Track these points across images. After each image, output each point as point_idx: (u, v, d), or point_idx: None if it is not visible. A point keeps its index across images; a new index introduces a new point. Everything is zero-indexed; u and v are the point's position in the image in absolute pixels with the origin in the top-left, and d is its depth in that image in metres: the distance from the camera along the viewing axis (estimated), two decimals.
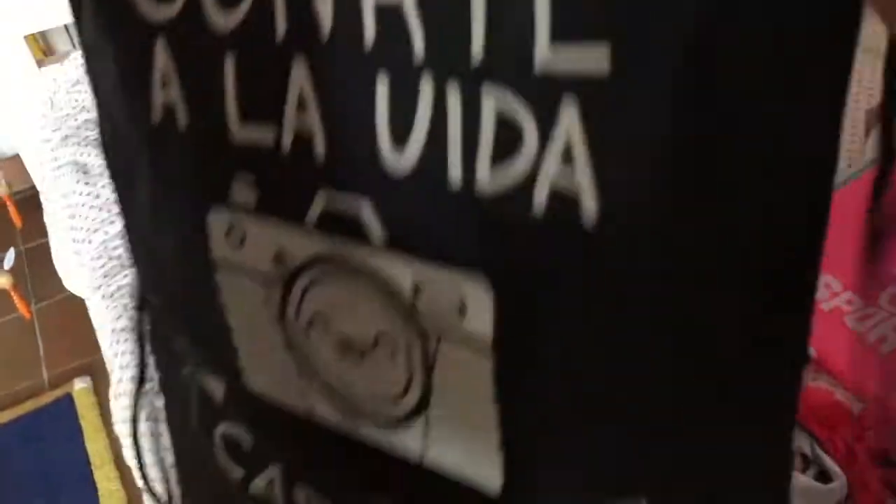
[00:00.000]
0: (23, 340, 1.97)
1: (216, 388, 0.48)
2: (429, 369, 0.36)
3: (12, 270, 1.97)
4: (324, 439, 0.42)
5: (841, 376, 0.77)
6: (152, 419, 0.80)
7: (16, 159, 2.13)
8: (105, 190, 1.12)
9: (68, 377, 1.85)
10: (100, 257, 1.03)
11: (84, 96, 1.29)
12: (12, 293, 1.95)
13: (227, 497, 0.52)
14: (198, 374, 0.49)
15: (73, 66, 1.36)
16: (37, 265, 2.15)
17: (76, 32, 0.45)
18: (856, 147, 1.05)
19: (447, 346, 0.35)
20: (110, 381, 0.95)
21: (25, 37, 1.41)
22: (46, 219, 1.33)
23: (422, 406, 0.37)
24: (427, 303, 0.34)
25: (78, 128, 1.24)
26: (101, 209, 1.10)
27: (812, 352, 0.78)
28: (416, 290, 0.34)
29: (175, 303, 0.49)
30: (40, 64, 1.41)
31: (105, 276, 1.01)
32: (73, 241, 1.10)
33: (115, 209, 1.08)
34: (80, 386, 1.81)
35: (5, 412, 1.77)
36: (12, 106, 1.43)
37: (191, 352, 0.49)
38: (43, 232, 1.53)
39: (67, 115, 1.28)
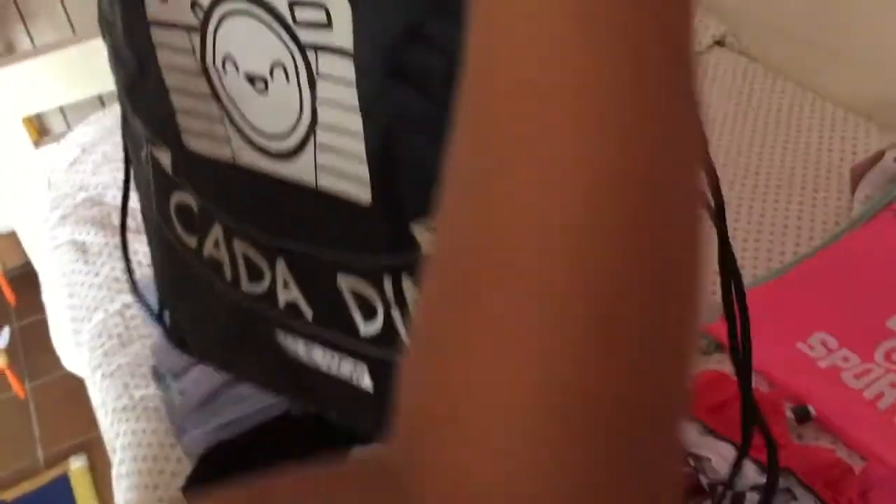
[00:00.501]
0: (17, 420, 1.95)
1: (165, 158, 0.54)
2: (313, 86, 0.42)
3: (6, 349, 1.96)
4: (246, 183, 0.49)
5: (841, 434, 0.78)
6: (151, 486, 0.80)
7: (8, 237, 2.14)
8: (104, 268, 1.13)
9: (64, 455, 1.82)
10: (99, 335, 1.03)
11: (82, 175, 1.31)
12: (7, 372, 1.94)
13: (191, 271, 0.58)
14: (151, 150, 0.55)
15: (70, 146, 1.38)
16: (31, 343, 2.14)
17: None
18: (843, 204, 1.07)
19: (323, 58, 0.41)
20: (109, 460, 0.94)
21: (22, 119, 1.43)
22: (45, 298, 1.34)
23: (312, 126, 0.44)
24: (302, 21, 0.41)
25: (76, 206, 1.26)
26: (99, 287, 1.10)
27: (812, 410, 0.79)
28: (292, 9, 0.41)
29: (128, 80, 0.54)
30: (36, 145, 1.43)
31: (105, 356, 1.01)
32: (72, 319, 1.10)
33: (115, 287, 1.09)
34: (76, 465, 1.78)
35: (0, 494, 1.75)
36: (7, 186, 1.45)
37: (144, 129, 0.55)
38: (37, 309, 1.53)
39: (66, 194, 1.29)
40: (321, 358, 0.54)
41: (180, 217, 0.56)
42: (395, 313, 0.48)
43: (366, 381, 0.53)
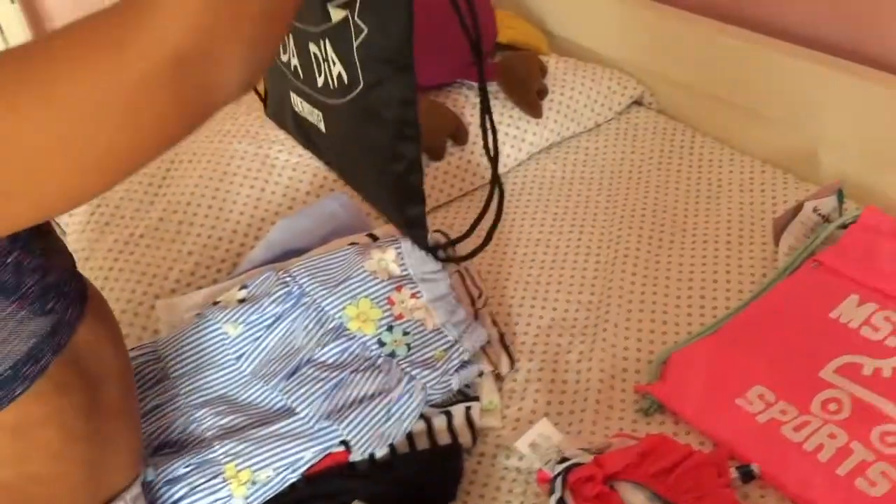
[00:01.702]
0: None
1: None
2: None
3: None
4: None
5: (786, 491, 0.78)
6: None
7: None
8: None
9: None
10: None
11: None
12: None
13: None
14: None
15: None
16: None
17: None
18: (768, 255, 1.09)
19: None
20: None
21: None
22: None
23: None
24: None
25: None
26: None
27: (756, 469, 0.79)
28: None
29: None
30: None
31: None
32: None
33: None
34: None
35: None
36: None
37: None
38: None
39: None
40: (308, 111, 0.84)
41: None
42: (325, 67, 0.75)
43: (322, 126, 0.81)
